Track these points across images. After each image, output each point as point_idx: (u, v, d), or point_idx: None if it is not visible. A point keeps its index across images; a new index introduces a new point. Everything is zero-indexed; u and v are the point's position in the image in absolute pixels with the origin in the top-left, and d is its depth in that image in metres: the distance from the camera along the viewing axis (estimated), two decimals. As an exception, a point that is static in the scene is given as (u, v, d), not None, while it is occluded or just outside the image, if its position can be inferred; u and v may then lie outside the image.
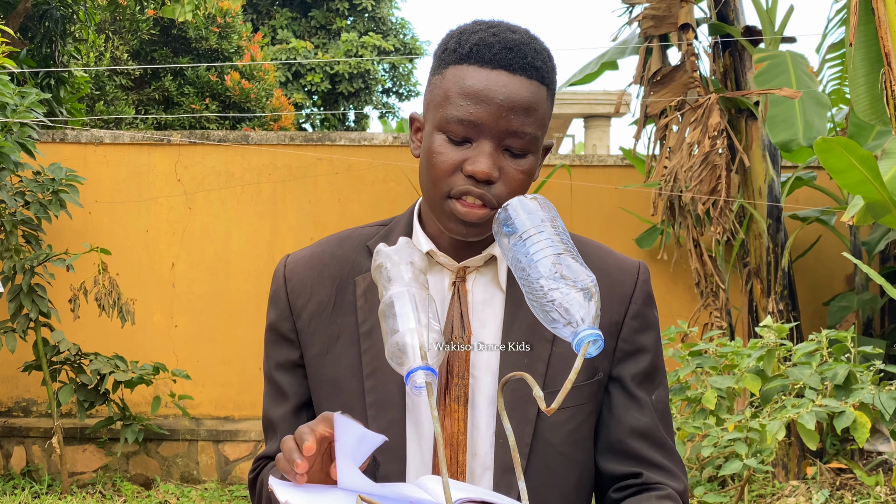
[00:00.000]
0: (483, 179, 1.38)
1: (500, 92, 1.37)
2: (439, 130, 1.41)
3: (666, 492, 1.45)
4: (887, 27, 4.49)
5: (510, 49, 1.39)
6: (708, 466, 4.74)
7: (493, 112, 1.37)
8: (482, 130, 1.38)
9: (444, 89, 1.41)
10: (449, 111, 1.39)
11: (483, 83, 1.38)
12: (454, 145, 1.40)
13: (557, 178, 7.08)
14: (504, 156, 1.40)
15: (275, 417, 1.53)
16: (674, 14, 6.41)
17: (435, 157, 1.41)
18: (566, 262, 1.22)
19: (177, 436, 6.75)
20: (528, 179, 1.42)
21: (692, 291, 7.02)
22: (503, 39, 1.40)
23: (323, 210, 7.14)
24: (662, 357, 1.55)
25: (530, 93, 1.39)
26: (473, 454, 1.45)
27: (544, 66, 1.42)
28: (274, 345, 1.54)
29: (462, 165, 1.39)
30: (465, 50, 1.40)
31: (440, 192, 1.41)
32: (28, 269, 6.02)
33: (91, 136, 7.12)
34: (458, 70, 1.40)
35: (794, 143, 5.89)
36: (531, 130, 1.39)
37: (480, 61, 1.39)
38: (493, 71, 1.38)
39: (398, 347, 1.20)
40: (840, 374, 3.85)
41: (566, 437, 1.46)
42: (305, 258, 1.55)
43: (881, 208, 4.59)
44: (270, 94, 11.95)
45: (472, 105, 1.37)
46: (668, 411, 1.53)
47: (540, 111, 1.40)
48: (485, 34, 1.41)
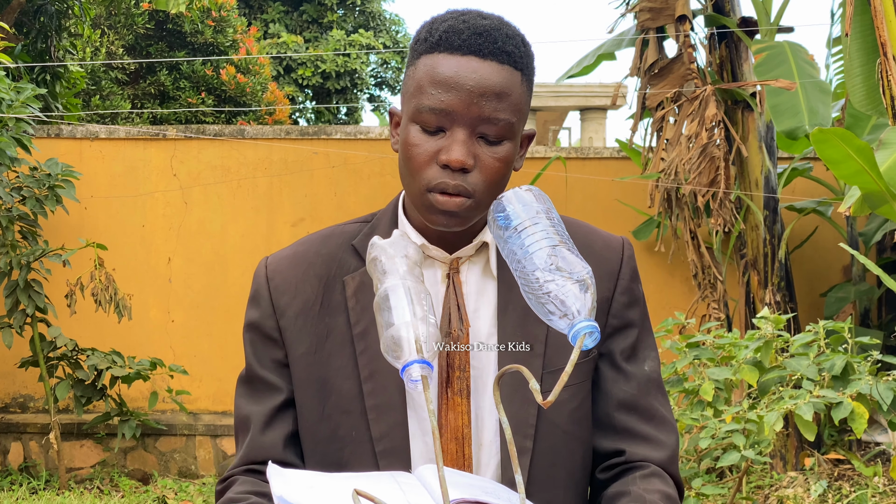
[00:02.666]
0: (457, 168, 1.36)
1: (471, 78, 1.35)
2: (413, 122, 1.40)
3: (649, 469, 1.45)
4: (883, 17, 4.48)
5: (480, 34, 1.37)
6: (706, 458, 4.75)
7: (464, 99, 1.35)
8: (454, 118, 1.36)
9: (416, 80, 1.39)
10: (421, 101, 1.38)
11: (453, 70, 1.36)
12: (429, 135, 1.39)
13: (553, 171, 7.08)
14: (479, 143, 1.38)
15: (252, 414, 1.49)
16: (670, 6, 6.39)
17: (410, 149, 1.40)
18: (562, 254, 1.22)
19: (174, 431, 6.74)
20: (504, 167, 1.40)
21: (689, 283, 7.02)
22: (473, 26, 1.38)
23: (319, 204, 7.13)
24: (650, 330, 1.56)
25: (502, 78, 1.37)
26: (480, 445, 1.45)
27: (517, 50, 1.39)
28: (257, 344, 1.52)
29: (437, 156, 1.38)
30: (435, 38, 1.39)
31: (419, 186, 1.40)
32: (24, 265, 6.01)
33: (87, 132, 7.11)
34: (428, 59, 1.38)
35: (800, 131, 5.86)
36: (505, 116, 1.37)
37: (450, 48, 1.37)
38: (463, 57, 1.36)
39: (393, 341, 1.20)
40: (837, 365, 3.85)
41: (570, 415, 1.47)
42: (288, 257, 1.53)
43: (878, 199, 4.58)
44: (265, 88, 11.93)
45: (443, 93, 1.36)
46: (660, 381, 1.53)
47: (514, 96, 1.38)
48: (454, 21, 1.39)
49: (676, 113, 6.45)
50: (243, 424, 1.50)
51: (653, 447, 1.48)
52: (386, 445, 1.43)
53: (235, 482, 1.46)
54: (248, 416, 1.50)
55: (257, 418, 1.49)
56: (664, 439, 1.49)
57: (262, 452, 1.47)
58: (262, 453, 1.47)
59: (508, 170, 1.41)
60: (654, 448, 1.48)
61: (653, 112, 6.52)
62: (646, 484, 1.43)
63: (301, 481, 1.25)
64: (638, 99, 6.63)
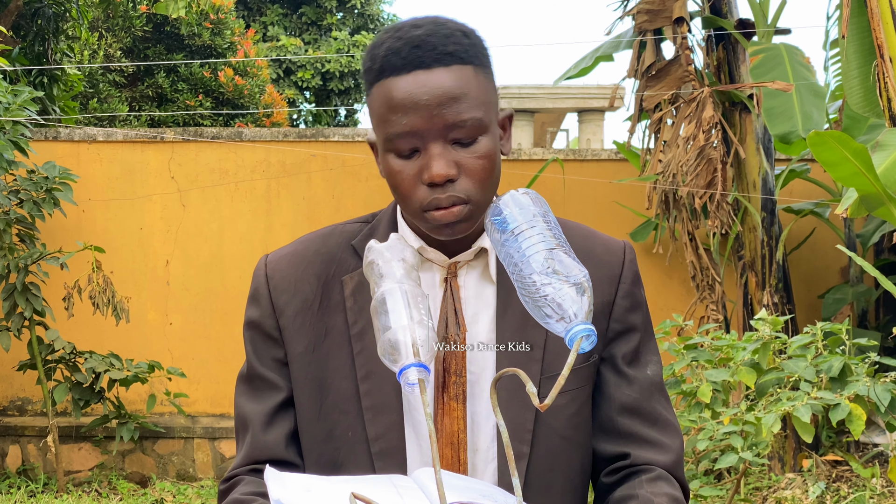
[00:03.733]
0: (442, 182, 1.36)
1: (423, 92, 1.34)
2: (387, 151, 1.39)
3: (655, 473, 1.45)
4: (880, 19, 4.49)
5: (418, 46, 1.36)
6: (704, 460, 4.75)
7: (425, 115, 1.34)
8: (423, 136, 1.35)
9: (375, 111, 1.39)
10: (387, 130, 1.37)
11: (404, 91, 1.35)
12: (406, 160, 1.38)
13: (551, 173, 7.08)
14: (456, 149, 1.37)
15: (254, 413, 1.49)
16: (668, 8, 6.40)
17: (394, 177, 1.39)
18: (558, 258, 1.22)
19: (172, 433, 6.74)
20: (489, 163, 1.39)
21: (687, 285, 7.02)
22: (408, 40, 1.36)
23: (317, 206, 7.13)
24: (652, 334, 1.55)
25: (453, 80, 1.35)
26: (475, 450, 1.45)
27: (459, 46, 1.38)
28: (258, 343, 1.51)
29: (421, 176, 1.37)
30: (378, 65, 1.38)
31: (414, 208, 1.39)
32: (22, 268, 6.01)
33: (84, 134, 7.11)
34: (379, 88, 1.37)
35: (793, 135, 5.87)
36: (470, 115, 1.36)
37: (394, 70, 1.36)
38: (410, 75, 1.35)
39: (390, 344, 1.20)
40: (835, 367, 3.85)
41: (567, 420, 1.46)
42: (287, 256, 1.53)
43: (875, 201, 4.59)
44: (263, 91, 11.94)
45: (403, 117, 1.35)
46: (662, 385, 1.53)
47: (472, 93, 1.36)
48: (391, 42, 1.38)
49: (674, 115, 6.45)
50: (244, 423, 1.50)
51: (658, 451, 1.48)
52: (382, 446, 1.43)
53: (240, 482, 1.46)
54: (250, 414, 1.50)
55: (259, 417, 1.49)
56: (669, 443, 1.49)
57: (265, 451, 1.47)
58: (264, 452, 1.47)
59: (494, 164, 1.40)
60: (660, 452, 1.48)
61: (650, 114, 6.53)
62: (653, 487, 1.42)
63: (298, 485, 1.25)
64: (635, 101, 6.64)
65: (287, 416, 1.49)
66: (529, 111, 12.76)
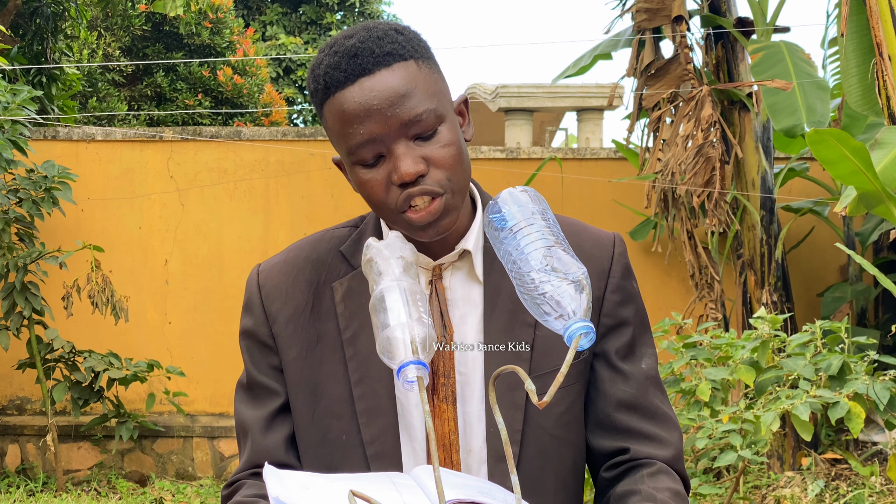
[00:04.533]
0: (412, 180, 1.36)
1: (371, 98, 1.35)
2: (354, 164, 1.40)
3: (656, 467, 1.45)
4: (879, 17, 4.49)
5: (355, 55, 1.36)
6: (703, 458, 4.75)
7: (379, 119, 1.35)
8: (383, 140, 1.36)
9: (332, 129, 1.40)
10: (347, 143, 1.38)
11: (354, 102, 1.35)
12: (373, 168, 1.38)
13: (549, 171, 7.08)
14: (419, 144, 1.37)
15: (253, 418, 1.51)
16: (667, 6, 6.40)
17: (365, 186, 1.40)
18: (557, 255, 1.22)
19: (172, 433, 6.74)
20: (454, 149, 1.39)
21: (686, 283, 7.03)
22: (345, 51, 1.37)
23: (316, 205, 7.13)
24: (648, 327, 1.55)
25: (397, 79, 1.36)
26: (468, 451, 1.46)
27: (395, 45, 1.38)
28: (254, 351, 1.53)
29: (391, 179, 1.37)
30: (322, 84, 1.38)
31: (390, 212, 1.40)
32: (21, 267, 6.01)
33: (83, 133, 7.10)
34: (330, 105, 1.38)
35: (798, 129, 5.84)
36: (422, 108, 1.36)
37: (339, 84, 1.36)
38: (355, 85, 1.35)
39: (389, 342, 1.20)
40: (834, 365, 3.85)
41: (557, 419, 1.46)
42: (279, 264, 1.54)
43: (874, 199, 4.58)
44: (262, 90, 11.93)
45: (359, 126, 1.35)
46: (658, 378, 1.52)
47: (419, 86, 1.37)
48: (328, 59, 1.38)
49: (673, 113, 6.46)
50: (244, 430, 1.52)
51: (658, 446, 1.47)
52: (377, 449, 1.44)
53: (242, 486, 1.48)
54: (249, 420, 1.52)
55: (258, 423, 1.51)
56: (668, 437, 1.48)
57: (265, 455, 1.48)
58: (264, 456, 1.48)
59: (459, 150, 1.40)
60: (659, 447, 1.47)
61: (649, 112, 6.53)
62: (654, 482, 1.42)
63: (296, 482, 1.25)
64: (634, 99, 6.64)
65: (286, 421, 1.51)
66: (528, 110, 12.75)
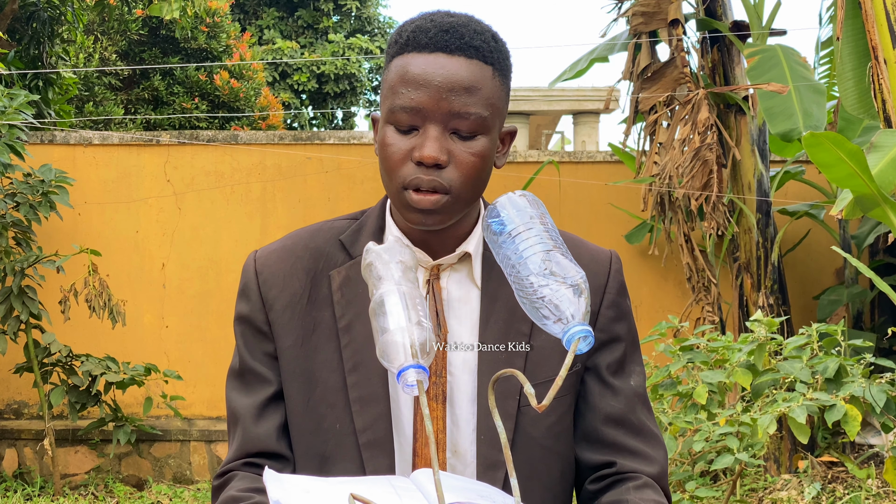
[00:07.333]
0: (431, 164, 1.37)
1: (439, 74, 1.36)
2: (388, 123, 1.41)
3: (642, 480, 1.46)
4: (874, 21, 4.50)
5: (446, 31, 1.38)
6: (700, 461, 4.75)
7: (434, 95, 1.36)
8: (426, 115, 1.37)
9: (388, 82, 1.41)
10: (393, 101, 1.39)
11: (421, 68, 1.37)
12: (403, 135, 1.39)
13: (546, 175, 7.09)
14: (453, 139, 1.38)
15: (245, 406, 1.50)
16: (663, 10, 6.41)
17: (385, 148, 1.40)
18: (556, 259, 1.23)
19: (169, 436, 6.74)
20: (480, 162, 1.40)
21: (683, 286, 7.04)
22: (439, 23, 1.39)
23: (313, 209, 7.13)
24: (638, 345, 1.56)
25: (470, 72, 1.37)
26: (455, 452, 1.46)
27: (485, 45, 1.40)
28: (248, 337, 1.53)
29: (412, 153, 1.38)
30: (404, 39, 1.40)
31: (396, 184, 1.41)
32: (18, 271, 6.01)
33: (80, 137, 7.10)
34: (399, 60, 1.40)
35: (794, 133, 5.85)
36: (475, 110, 1.37)
37: (418, 47, 1.38)
38: (431, 55, 1.37)
39: (388, 346, 1.20)
40: (830, 368, 3.86)
41: (547, 430, 1.47)
42: (277, 251, 1.54)
43: (870, 202, 4.59)
44: (259, 94, 11.93)
45: (413, 91, 1.37)
46: (645, 396, 1.53)
47: (484, 91, 1.38)
48: (422, 21, 1.41)
49: (669, 117, 6.47)
50: (235, 417, 1.51)
51: (643, 462, 1.48)
52: (369, 437, 1.44)
53: (234, 477, 1.47)
54: (241, 408, 1.50)
55: (250, 410, 1.49)
56: (654, 455, 1.50)
57: (257, 443, 1.48)
58: (256, 444, 1.48)
59: (485, 165, 1.41)
60: (645, 462, 1.48)
61: (646, 116, 6.54)
62: (641, 494, 1.43)
63: (297, 486, 1.25)
64: (631, 103, 6.65)
65: (277, 409, 1.50)
66: (525, 113, 12.78)
